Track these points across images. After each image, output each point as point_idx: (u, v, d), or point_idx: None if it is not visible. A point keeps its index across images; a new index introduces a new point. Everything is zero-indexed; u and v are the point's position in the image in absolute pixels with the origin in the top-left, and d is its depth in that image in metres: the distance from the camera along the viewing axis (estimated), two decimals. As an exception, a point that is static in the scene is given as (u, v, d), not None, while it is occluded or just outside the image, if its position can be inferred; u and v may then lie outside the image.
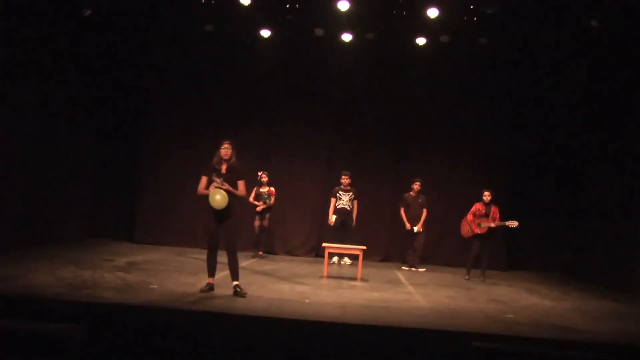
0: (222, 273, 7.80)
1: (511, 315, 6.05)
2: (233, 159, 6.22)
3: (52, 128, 9.22)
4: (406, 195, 9.67)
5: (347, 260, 9.91)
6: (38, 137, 8.87)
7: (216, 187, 6.02)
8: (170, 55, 10.65)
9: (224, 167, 6.20)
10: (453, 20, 9.04)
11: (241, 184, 6.22)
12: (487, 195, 8.75)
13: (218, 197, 5.96)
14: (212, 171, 6.17)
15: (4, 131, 8.09)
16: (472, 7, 8.69)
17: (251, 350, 4.67)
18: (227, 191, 6.02)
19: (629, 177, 8.40)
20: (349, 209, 9.68)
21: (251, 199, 9.85)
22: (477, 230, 8.70)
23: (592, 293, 8.09)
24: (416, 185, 9.57)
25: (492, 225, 8.63)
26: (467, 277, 8.80)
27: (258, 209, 9.73)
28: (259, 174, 9.80)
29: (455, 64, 10.34)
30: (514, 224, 8.56)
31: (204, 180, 6.23)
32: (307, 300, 6.15)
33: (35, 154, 8.82)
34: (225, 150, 6.18)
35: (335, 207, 9.69)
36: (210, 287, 6.25)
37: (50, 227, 9.32)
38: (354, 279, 8.10)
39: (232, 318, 5.12)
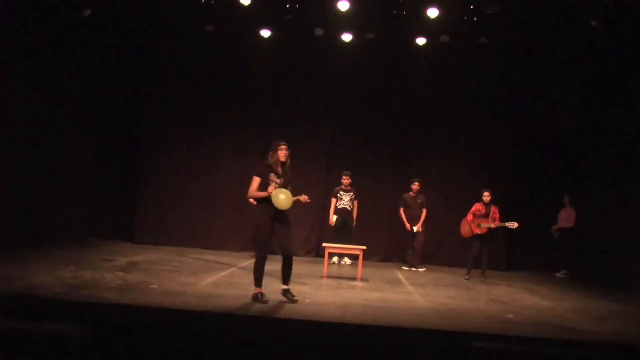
0: (223, 273, 7.81)
1: (511, 315, 6.05)
2: (289, 161, 5.99)
3: (52, 128, 9.21)
4: (405, 195, 9.68)
5: (347, 260, 9.91)
6: (38, 137, 8.87)
7: (277, 187, 5.75)
8: (170, 55, 10.65)
9: (279, 169, 5.89)
10: (453, 20, 9.05)
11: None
12: (486, 196, 8.75)
13: (282, 197, 5.67)
14: (268, 172, 5.85)
15: (3, 131, 8.08)
16: (472, 7, 8.69)
17: (251, 350, 4.67)
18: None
19: (629, 177, 8.39)
20: (349, 209, 9.68)
21: (251, 199, 9.84)
22: (477, 231, 8.70)
23: (592, 293, 8.08)
24: (415, 186, 9.57)
25: (492, 226, 8.63)
26: (467, 277, 8.80)
27: (258, 209, 9.72)
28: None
29: (455, 64, 10.33)
30: (513, 225, 8.57)
31: (256, 181, 5.84)
32: (307, 300, 6.14)
33: (35, 154, 8.82)
34: (283, 152, 5.86)
35: (335, 207, 9.69)
36: (264, 297, 5.80)
37: (50, 227, 9.32)
38: (354, 279, 8.10)
39: (233, 318, 5.12)
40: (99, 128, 10.63)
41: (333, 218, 9.67)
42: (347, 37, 9.87)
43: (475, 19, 8.92)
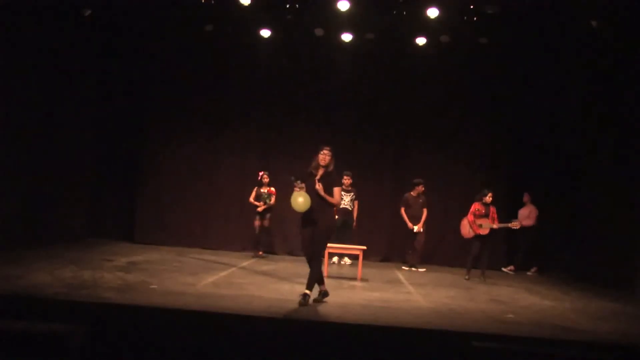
0: (223, 273, 7.82)
1: (511, 315, 6.05)
2: (330, 166, 6.08)
3: (52, 128, 9.21)
4: (407, 195, 9.68)
5: (347, 260, 9.91)
6: (38, 137, 8.87)
7: (298, 190, 5.91)
8: (170, 55, 10.65)
9: (319, 173, 6.04)
10: (453, 20, 9.04)
11: (336, 191, 6.03)
12: (490, 197, 8.75)
13: (300, 200, 5.82)
14: (307, 176, 6.05)
15: (4, 131, 8.08)
16: (472, 7, 8.69)
17: (251, 350, 4.67)
18: (321, 197, 5.89)
19: (629, 177, 8.39)
20: (350, 209, 9.67)
21: (251, 199, 9.85)
22: (479, 232, 8.69)
23: (592, 293, 8.07)
24: (421, 187, 9.57)
25: (495, 226, 8.64)
26: (467, 277, 8.80)
27: (259, 209, 9.73)
28: (260, 174, 9.80)
29: (455, 64, 10.33)
30: (516, 225, 8.57)
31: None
32: (307, 300, 6.14)
33: (36, 154, 8.81)
34: (324, 156, 6.03)
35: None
36: (324, 294, 6.12)
37: (50, 227, 9.32)
38: (354, 279, 8.10)
39: (232, 318, 5.12)
40: (99, 128, 10.62)
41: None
42: (347, 37, 9.86)
43: (475, 19, 8.92)
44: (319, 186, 5.89)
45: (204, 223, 10.60)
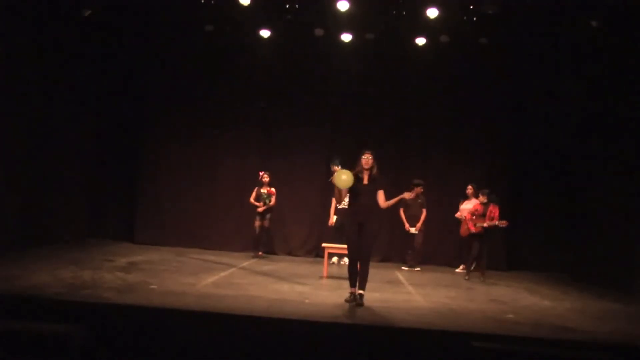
0: (223, 273, 7.82)
1: (511, 315, 6.05)
2: (375, 170, 6.25)
3: (52, 128, 9.21)
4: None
5: (347, 260, 9.87)
6: (38, 137, 8.87)
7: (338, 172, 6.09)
8: (170, 55, 10.64)
9: (365, 177, 6.22)
10: (453, 20, 9.04)
11: (380, 194, 6.19)
12: (480, 195, 8.79)
13: (344, 177, 5.99)
14: (355, 180, 6.15)
15: (3, 131, 8.08)
16: (472, 7, 8.69)
17: (251, 350, 4.67)
18: (369, 200, 6.13)
19: (629, 178, 8.39)
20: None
21: (252, 199, 9.85)
22: (473, 229, 8.72)
23: (592, 293, 8.07)
24: (419, 189, 9.57)
25: (485, 225, 8.64)
26: (467, 277, 8.80)
27: (259, 209, 9.73)
28: (261, 174, 9.80)
29: (455, 64, 10.33)
30: (502, 223, 8.57)
31: (344, 191, 6.27)
32: (307, 300, 6.15)
33: (36, 154, 8.82)
34: (366, 159, 6.21)
35: (336, 207, 9.67)
36: (354, 297, 6.12)
37: (50, 227, 9.32)
38: (354, 279, 8.08)
39: (232, 318, 5.12)
40: (99, 128, 10.63)
41: (333, 218, 9.65)
42: (347, 37, 9.86)
43: (475, 19, 8.92)
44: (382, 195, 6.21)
45: (204, 223, 10.59)
